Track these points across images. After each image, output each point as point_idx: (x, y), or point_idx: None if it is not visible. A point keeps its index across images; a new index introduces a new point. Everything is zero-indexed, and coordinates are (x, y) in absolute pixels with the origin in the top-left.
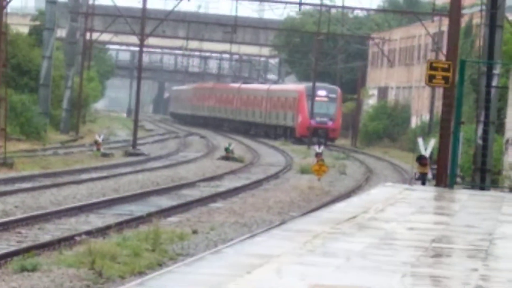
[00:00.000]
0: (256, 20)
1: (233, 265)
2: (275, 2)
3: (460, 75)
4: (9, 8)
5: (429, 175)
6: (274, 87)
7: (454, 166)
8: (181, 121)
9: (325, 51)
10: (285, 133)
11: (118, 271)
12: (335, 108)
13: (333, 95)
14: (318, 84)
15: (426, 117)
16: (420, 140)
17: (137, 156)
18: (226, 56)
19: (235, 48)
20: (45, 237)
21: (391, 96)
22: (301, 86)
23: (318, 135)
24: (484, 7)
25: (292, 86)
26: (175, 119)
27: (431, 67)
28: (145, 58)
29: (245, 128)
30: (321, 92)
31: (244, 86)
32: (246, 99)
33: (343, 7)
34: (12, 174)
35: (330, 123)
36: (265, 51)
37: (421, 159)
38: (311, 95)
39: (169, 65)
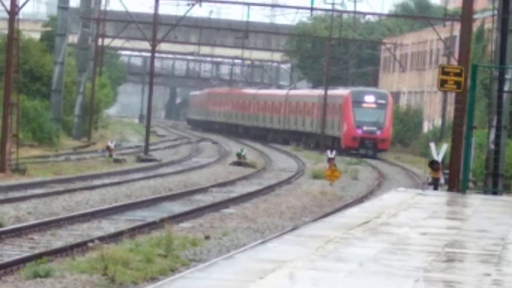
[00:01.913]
0: (268, 25)
1: (246, 270)
2: (286, 7)
3: (472, 80)
4: (21, 14)
5: (442, 180)
6: (313, 92)
7: (467, 171)
8: (202, 129)
9: (337, 56)
10: (332, 144)
11: (131, 276)
12: (384, 116)
13: (383, 101)
14: (365, 88)
15: (438, 122)
16: (432, 145)
17: (149, 161)
18: (238, 61)
19: (246, 53)
20: (58, 243)
21: (403, 101)
22: (346, 91)
23: (365, 146)
24: (496, 12)
25: (338, 91)
26: (193, 126)
27: (443, 72)
28: (157, 64)
29: (286, 138)
30: (369, 98)
31: (293, 92)
32: (295, 106)
33: (354, 12)
34: (25, 180)
35: (378, 133)
36: (277, 56)
37: (433, 164)
38: (358, 101)
39: (181, 70)
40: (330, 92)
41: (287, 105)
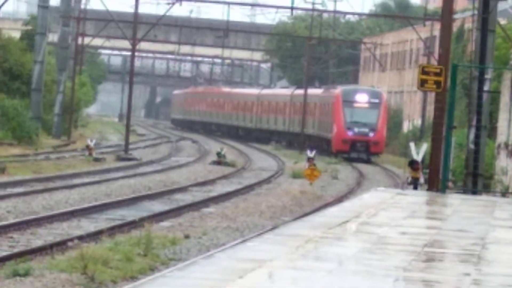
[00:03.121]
0: (248, 24)
1: (225, 269)
2: (267, 6)
3: (452, 79)
4: (0, 13)
5: (421, 180)
6: (285, 91)
7: (446, 171)
8: (187, 129)
9: (317, 56)
10: (327, 146)
11: (110, 275)
12: (377, 116)
13: (375, 100)
14: (357, 87)
15: (418, 121)
16: (412, 145)
17: (129, 160)
18: (218, 60)
19: (227, 52)
20: (37, 242)
21: None
22: (337, 90)
23: (357, 149)
24: (476, 12)
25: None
26: (178, 126)
27: (423, 71)
28: (137, 63)
29: (267, 137)
30: (361, 97)
31: (265, 92)
32: (268, 105)
33: (334, 11)
34: (4, 179)
35: (371, 135)
36: (257, 55)
37: (413, 164)
38: (350, 100)
39: (161, 69)
40: (316, 91)
41: (259, 104)
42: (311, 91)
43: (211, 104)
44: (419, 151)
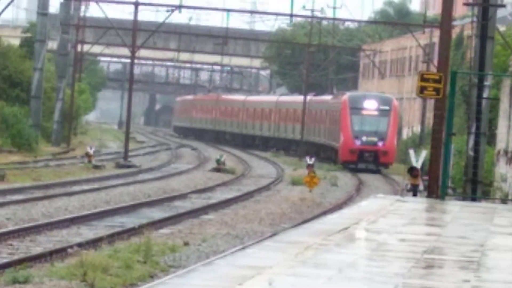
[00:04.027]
0: (247, 31)
1: (225, 276)
2: (266, 14)
3: (451, 86)
4: (0, 20)
5: (421, 187)
6: (270, 98)
7: (446, 178)
8: (194, 137)
9: (316, 63)
10: (335, 156)
11: (110, 283)
12: (387, 124)
13: (385, 107)
14: (366, 93)
15: (417, 128)
16: (411, 152)
17: (128, 168)
18: (217, 67)
19: (226, 59)
20: (37, 249)
21: None
22: (344, 96)
23: (364, 160)
24: (475, 19)
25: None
26: (181, 135)
27: (422, 78)
28: (136, 70)
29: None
30: (370, 103)
31: (283, 98)
32: (286, 113)
33: (334, 19)
34: (4, 186)
35: (380, 144)
36: (256, 62)
37: (412, 171)
38: (357, 107)
39: (160, 77)
40: (323, 98)
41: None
42: (316, 98)
43: (224, 112)
44: (418, 158)
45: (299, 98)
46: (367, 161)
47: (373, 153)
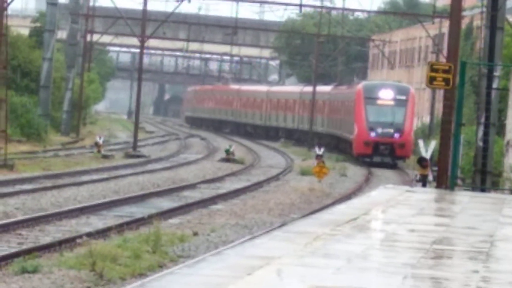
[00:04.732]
0: (257, 22)
1: (234, 266)
2: (275, 3)
3: (460, 77)
4: (9, 10)
5: (430, 177)
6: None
7: (455, 168)
8: (212, 128)
9: (325, 53)
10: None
11: (119, 272)
12: (404, 115)
13: (402, 97)
14: (381, 82)
15: (426, 119)
16: (421, 142)
17: (137, 158)
18: (227, 58)
19: (235, 50)
20: (46, 239)
21: None
22: (358, 85)
23: (380, 153)
24: (484, 9)
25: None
26: (193, 125)
27: (432, 69)
28: (146, 60)
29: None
30: (385, 93)
31: (307, 89)
32: (309, 104)
33: (343, 9)
34: (13, 175)
35: (396, 136)
36: (266, 53)
37: (421, 161)
38: (372, 97)
39: (170, 67)
40: (341, 87)
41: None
42: (337, 88)
43: (246, 103)
44: (427, 149)
45: (324, 88)
46: (383, 154)
47: (389, 146)
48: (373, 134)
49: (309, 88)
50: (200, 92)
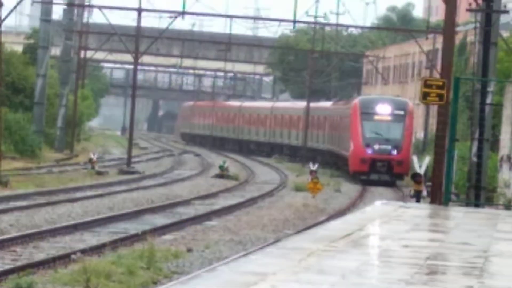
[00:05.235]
0: (250, 38)
1: (228, 283)
2: (269, 20)
3: (454, 92)
4: (3, 27)
5: (424, 193)
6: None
7: (449, 184)
8: (211, 146)
9: (319, 69)
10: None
11: None
12: (401, 131)
13: (400, 112)
14: (379, 96)
15: (420, 134)
16: (414, 158)
17: (131, 174)
18: (221, 74)
19: (229, 66)
20: (40, 256)
21: None
22: (355, 100)
23: (377, 170)
24: (478, 25)
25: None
26: (190, 142)
27: (426, 84)
28: (140, 76)
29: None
30: (382, 108)
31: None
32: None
33: (337, 25)
34: (7, 192)
35: (394, 153)
36: (260, 68)
37: (415, 177)
38: (369, 112)
39: (164, 83)
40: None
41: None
42: (336, 104)
43: (248, 120)
44: (421, 164)
45: (325, 104)
46: (380, 172)
47: (387, 163)
48: (369, 151)
49: (313, 104)
50: (195, 108)
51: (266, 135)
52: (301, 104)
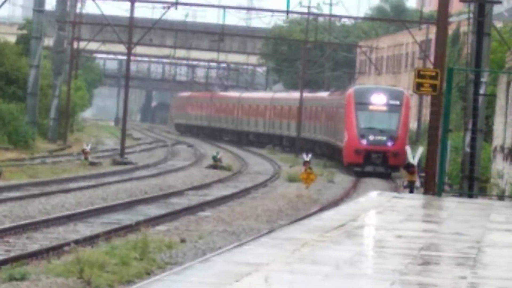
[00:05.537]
0: (244, 28)
1: (222, 273)
2: (262, 10)
3: (447, 83)
4: None
5: (417, 183)
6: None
7: (442, 174)
8: (208, 137)
9: (312, 59)
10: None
11: (107, 280)
12: (397, 121)
13: (396, 102)
14: (374, 86)
15: (414, 125)
16: (408, 148)
17: (125, 164)
18: (214, 64)
19: (222, 56)
20: (34, 246)
21: None
22: (349, 90)
23: (372, 161)
24: (471, 15)
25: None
26: (186, 133)
27: (419, 75)
28: (133, 67)
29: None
30: (377, 98)
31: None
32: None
33: (330, 15)
34: (0, 183)
35: (389, 144)
36: (253, 59)
37: (409, 167)
38: (364, 102)
39: (157, 73)
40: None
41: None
42: (324, 93)
43: (248, 110)
44: (415, 155)
45: (321, 94)
46: (375, 163)
47: (382, 154)
48: (364, 142)
49: (311, 94)
50: (191, 98)
51: (266, 126)
52: (296, 94)
